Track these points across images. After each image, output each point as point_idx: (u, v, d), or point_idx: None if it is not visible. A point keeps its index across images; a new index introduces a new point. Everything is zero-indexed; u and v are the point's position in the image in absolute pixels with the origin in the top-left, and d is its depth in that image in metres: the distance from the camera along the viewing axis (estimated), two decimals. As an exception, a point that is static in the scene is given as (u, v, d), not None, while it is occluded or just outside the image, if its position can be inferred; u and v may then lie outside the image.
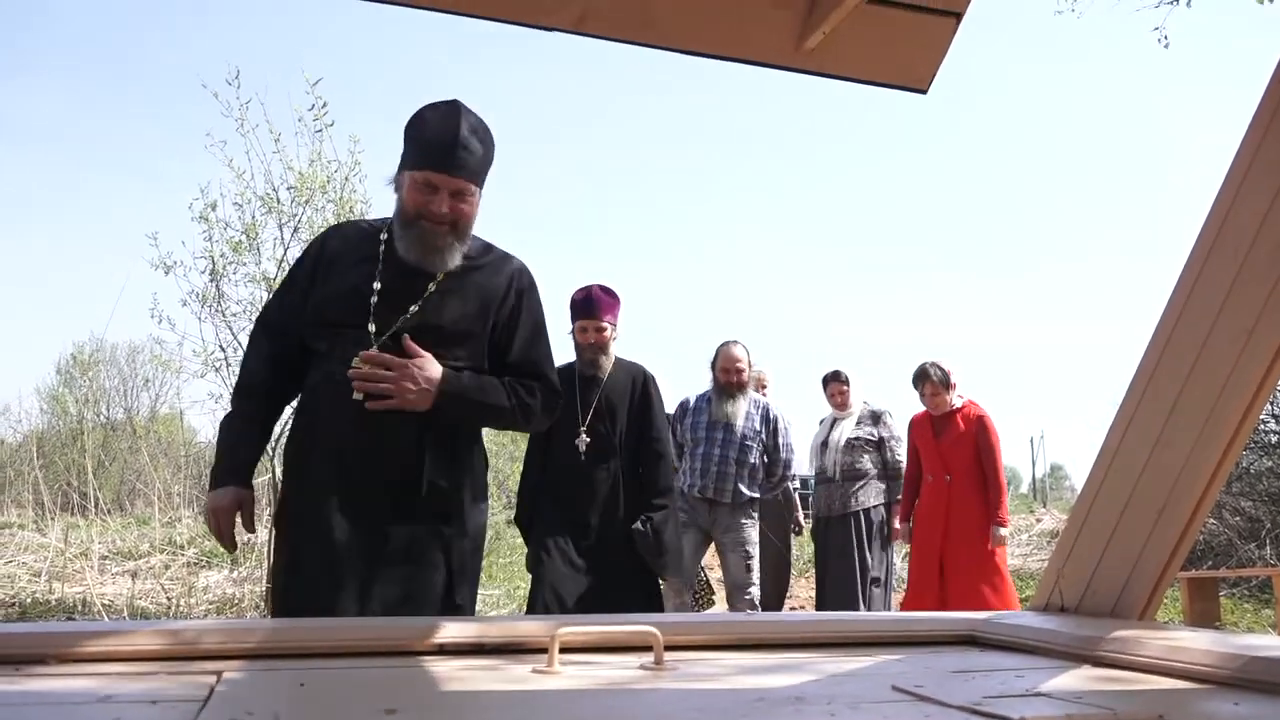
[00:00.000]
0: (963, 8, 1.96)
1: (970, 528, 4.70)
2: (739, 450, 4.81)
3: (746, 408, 4.88)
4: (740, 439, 4.82)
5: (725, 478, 4.77)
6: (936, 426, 4.96)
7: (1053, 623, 1.48)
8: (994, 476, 4.78)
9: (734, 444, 4.81)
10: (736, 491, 4.75)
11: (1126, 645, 1.26)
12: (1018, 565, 9.56)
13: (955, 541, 4.72)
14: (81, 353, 19.39)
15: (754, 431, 4.85)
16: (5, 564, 7.28)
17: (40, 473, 11.35)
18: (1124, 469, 1.67)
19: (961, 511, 4.74)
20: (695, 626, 1.43)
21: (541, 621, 1.35)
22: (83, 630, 1.17)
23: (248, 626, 1.21)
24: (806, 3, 1.91)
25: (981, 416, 4.88)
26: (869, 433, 5.44)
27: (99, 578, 6.77)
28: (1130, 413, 1.69)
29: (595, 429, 3.38)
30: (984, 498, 4.73)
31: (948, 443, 4.89)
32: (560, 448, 3.40)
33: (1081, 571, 1.68)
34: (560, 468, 3.39)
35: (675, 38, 1.92)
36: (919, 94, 2.05)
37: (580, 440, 3.35)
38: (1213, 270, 1.60)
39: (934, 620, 1.58)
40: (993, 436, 4.85)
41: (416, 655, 1.24)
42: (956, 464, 4.83)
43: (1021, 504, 16.43)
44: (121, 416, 19.69)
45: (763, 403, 4.99)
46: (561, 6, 1.81)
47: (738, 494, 4.75)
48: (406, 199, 1.96)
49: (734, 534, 4.76)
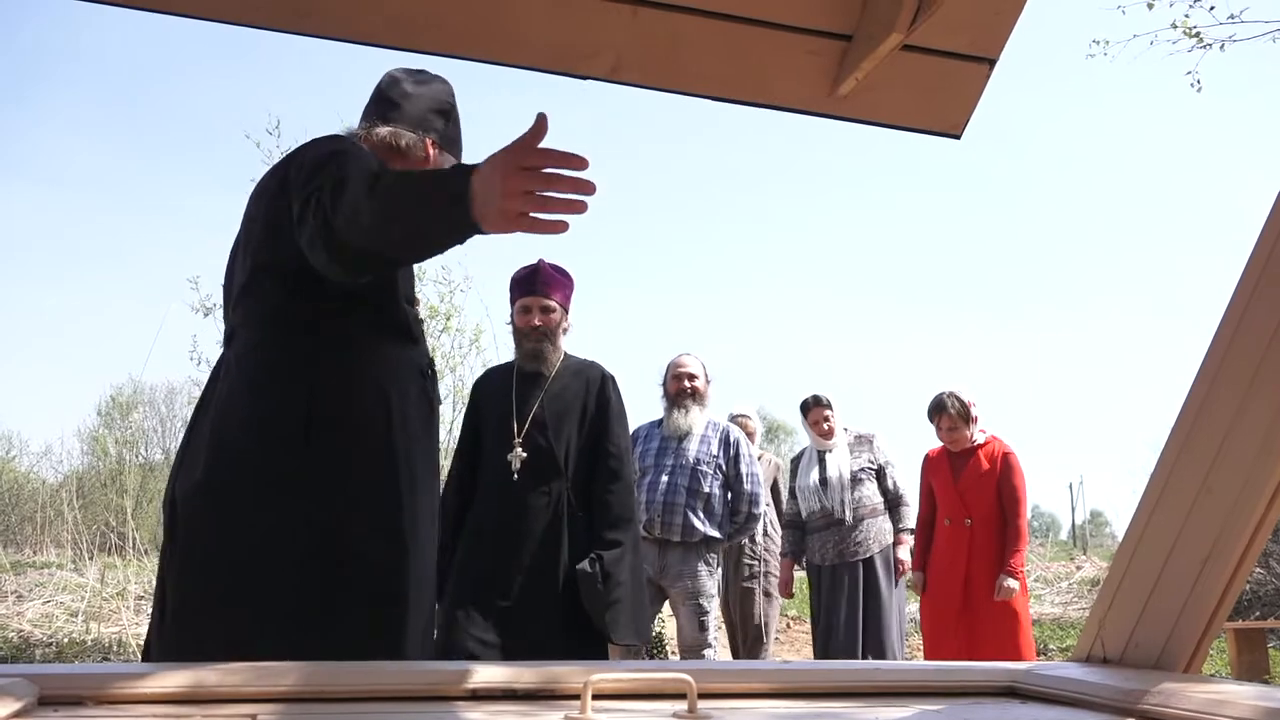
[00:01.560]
0: (997, 54, 1.97)
1: (994, 576, 4.20)
2: (690, 476, 4.00)
3: (703, 430, 4.13)
4: (693, 463, 4.03)
5: (673, 509, 3.95)
6: (955, 464, 4.43)
7: (1095, 674, 1.45)
8: (1014, 520, 4.26)
9: (684, 469, 4.01)
10: (688, 527, 3.94)
11: (1171, 699, 1.23)
12: (1058, 614, 9.38)
13: (977, 590, 4.22)
14: (121, 394, 19.70)
15: (710, 455, 4.06)
16: (44, 603, 7.36)
17: (79, 513, 11.48)
18: (1167, 516, 1.64)
19: (984, 559, 4.24)
20: (730, 674, 1.41)
21: (575, 667, 1.34)
22: (119, 672, 1.17)
23: (282, 669, 1.21)
24: (839, 49, 1.93)
25: (1007, 454, 4.36)
26: (868, 460, 4.80)
27: (134, 618, 6.81)
28: (1173, 459, 1.66)
29: (534, 441, 2.62)
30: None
31: (968, 482, 4.36)
32: (488, 464, 2.66)
33: (1124, 622, 1.65)
34: (487, 490, 2.64)
35: (707, 85, 1.94)
36: (953, 139, 2.06)
37: (514, 456, 2.60)
38: (1257, 312, 1.58)
39: (973, 670, 1.55)
40: (1017, 476, 4.33)
41: (450, 700, 1.23)
42: (978, 506, 4.30)
43: (1061, 551, 16.15)
44: (160, 458, 19.94)
45: (722, 425, 4.22)
46: (596, 56, 1.84)
47: (689, 530, 3.94)
48: None
49: (685, 582, 3.94)
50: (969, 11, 1.90)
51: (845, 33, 1.91)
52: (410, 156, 1.81)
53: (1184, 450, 1.64)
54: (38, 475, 18.61)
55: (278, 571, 1.55)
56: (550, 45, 1.86)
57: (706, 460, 4.05)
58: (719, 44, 1.89)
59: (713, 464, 4.06)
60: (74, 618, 6.90)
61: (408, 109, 1.85)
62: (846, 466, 4.75)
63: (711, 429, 4.16)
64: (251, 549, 1.56)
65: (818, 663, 1.56)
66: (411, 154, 1.81)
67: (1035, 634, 8.22)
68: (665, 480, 3.99)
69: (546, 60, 1.86)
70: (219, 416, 1.63)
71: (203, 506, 1.59)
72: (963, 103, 2.02)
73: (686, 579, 3.95)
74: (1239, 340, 1.60)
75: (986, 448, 4.39)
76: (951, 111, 2.02)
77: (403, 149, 1.80)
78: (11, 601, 7.57)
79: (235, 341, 1.70)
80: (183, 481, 1.63)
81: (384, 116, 1.83)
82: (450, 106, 1.91)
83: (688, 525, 3.95)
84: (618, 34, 1.84)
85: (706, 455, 4.06)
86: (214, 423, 1.63)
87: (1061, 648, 7.65)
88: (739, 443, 4.17)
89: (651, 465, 4.09)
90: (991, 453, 4.37)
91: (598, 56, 1.84)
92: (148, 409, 21.05)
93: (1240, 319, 1.60)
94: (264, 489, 1.57)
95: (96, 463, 18.56)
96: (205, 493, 1.59)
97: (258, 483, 1.58)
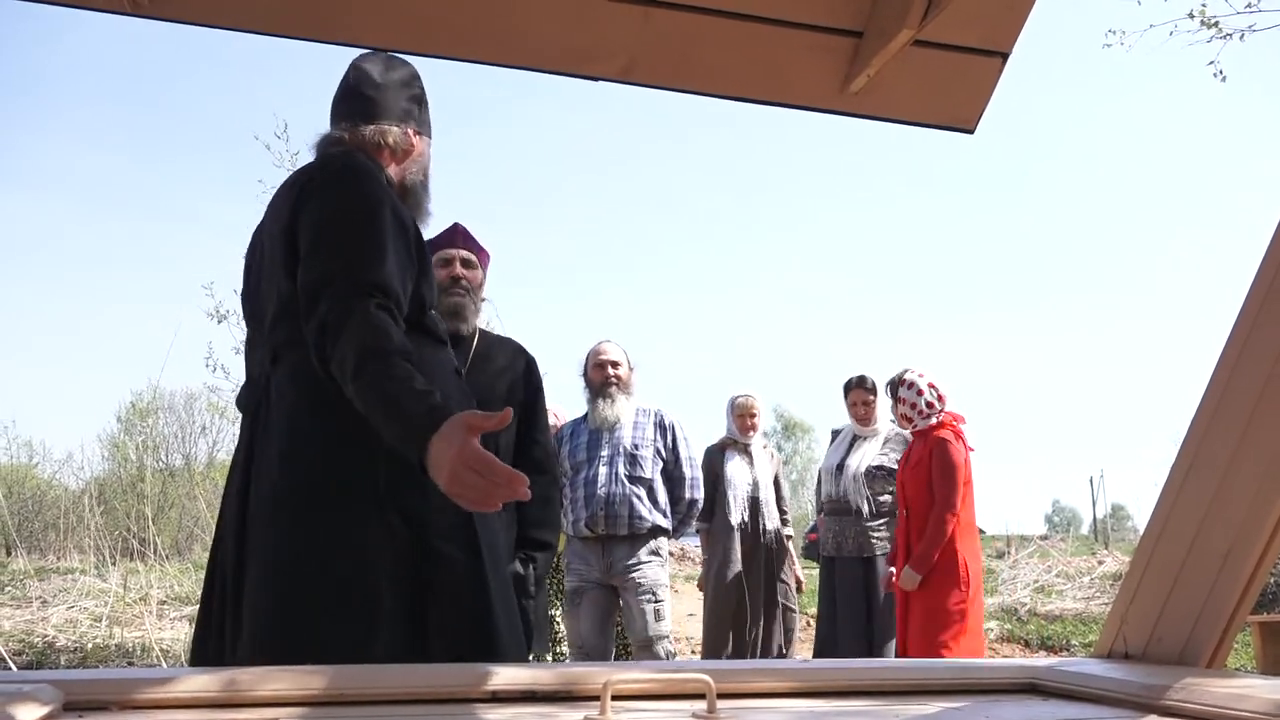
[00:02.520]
0: (1010, 47, 1.96)
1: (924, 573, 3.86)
2: (630, 463, 3.75)
3: (634, 416, 3.88)
4: (631, 449, 3.77)
5: (617, 500, 3.71)
6: (907, 455, 4.17)
7: (1117, 670, 1.44)
8: (938, 509, 3.85)
9: (622, 457, 3.75)
10: (635, 517, 3.71)
11: (1194, 694, 1.23)
12: (1079, 609, 9.33)
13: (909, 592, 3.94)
14: (141, 400, 19.83)
15: (647, 440, 3.83)
16: (68, 609, 7.42)
17: (100, 518, 11.57)
18: (1188, 509, 1.62)
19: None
20: (749, 673, 1.41)
21: (593, 668, 1.34)
22: (144, 677, 1.18)
23: (307, 673, 1.21)
24: (850, 46, 1.92)
25: (942, 439, 3.95)
26: (896, 461, 4.45)
27: (157, 623, 6.86)
28: (1193, 451, 1.65)
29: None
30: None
31: (908, 472, 4.07)
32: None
33: (1146, 616, 1.64)
34: None
35: (719, 84, 1.94)
36: (966, 134, 2.05)
37: None
38: (1278, 302, 1.56)
39: (994, 667, 1.55)
40: (946, 462, 3.89)
41: (471, 703, 1.24)
42: (912, 495, 4.00)
43: (1082, 546, 16.06)
44: (180, 463, 20.07)
45: (654, 410, 3.96)
46: (607, 57, 1.84)
47: (636, 519, 3.71)
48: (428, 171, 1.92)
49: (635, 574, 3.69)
50: (981, 5, 1.89)
51: (856, 29, 1.90)
52: (397, 150, 1.85)
53: (1204, 442, 1.63)
54: (60, 482, 18.76)
55: (377, 577, 1.58)
56: (562, 47, 1.86)
57: (644, 445, 3.80)
58: (730, 43, 1.89)
59: (651, 449, 3.82)
60: (97, 623, 6.96)
61: (386, 102, 1.86)
62: (870, 459, 4.52)
63: (643, 415, 3.91)
64: (353, 559, 1.58)
65: (838, 661, 1.56)
66: (398, 148, 1.85)
67: (1057, 629, 8.21)
68: (604, 471, 3.74)
69: (558, 62, 1.87)
70: (285, 437, 1.64)
71: (290, 521, 1.60)
72: (976, 97, 2.01)
73: (636, 570, 3.69)
74: (1259, 330, 1.58)
75: (930, 434, 4.02)
76: (964, 106, 2.02)
77: (390, 145, 1.84)
78: (36, 607, 7.64)
79: (282, 364, 1.69)
80: (256, 499, 1.64)
81: (365, 114, 1.84)
82: (421, 90, 1.93)
83: (634, 514, 3.73)
84: (629, 35, 1.84)
85: (643, 440, 3.81)
86: (281, 443, 1.64)
87: (1083, 643, 7.61)
88: (675, 427, 3.94)
89: (584, 459, 3.82)
90: (932, 440, 4.01)
91: (610, 58, 1.85)
92: (167, 414, 21.20)
93: (1260, 308, 1.59)
94: (353, 501, 1.60)
95: (117, 469, 18.70)
96: (288, 508, 1.61)
97: (345, 495, 1.60)
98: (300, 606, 1.57)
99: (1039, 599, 10.04)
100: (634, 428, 3.84)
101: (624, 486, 3.71)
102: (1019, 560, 13.06)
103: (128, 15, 1.73)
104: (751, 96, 1.96)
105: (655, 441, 3.84)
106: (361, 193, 1.68)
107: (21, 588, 8.56)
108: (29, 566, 10.15)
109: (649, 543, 3.74)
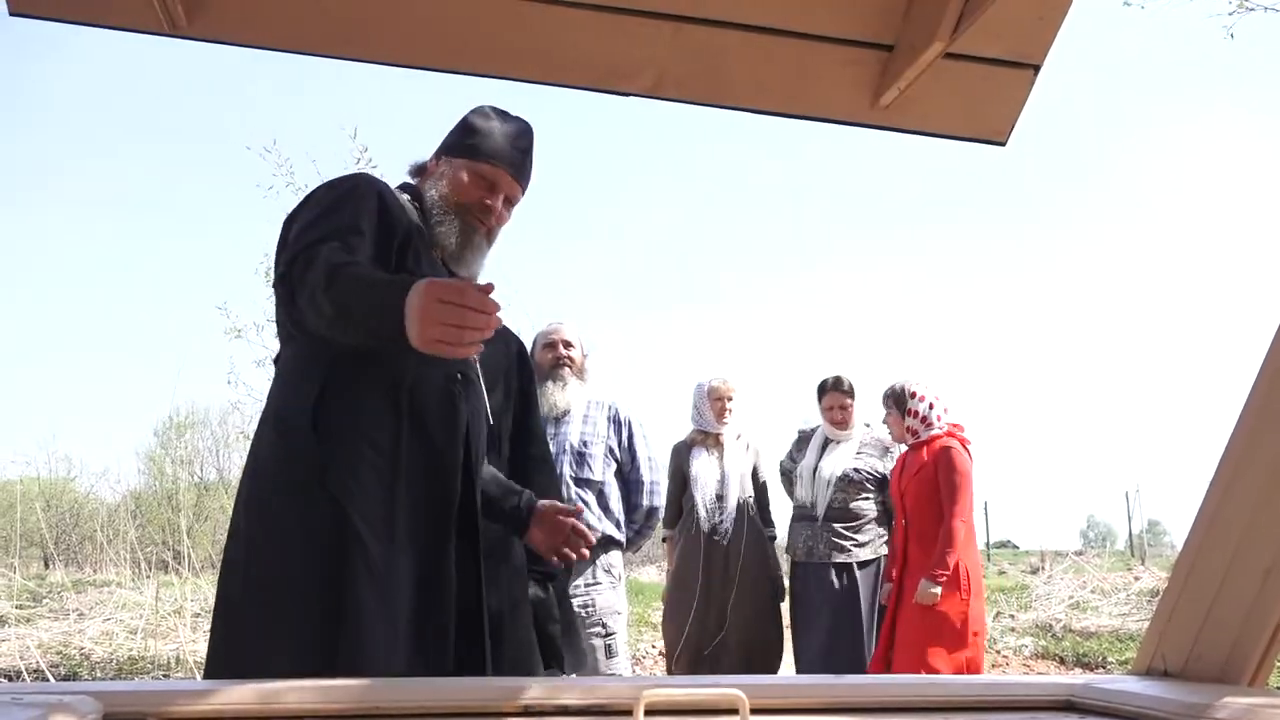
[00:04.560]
0: (1041, 59, 1.96)
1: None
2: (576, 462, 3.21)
3: (585, 409, 3.36)
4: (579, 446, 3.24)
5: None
6: (904, 463, 4.08)
7: (1155, 688, 1.42)
8: (947, 519, 3.81)
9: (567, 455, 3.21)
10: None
11: (1235, 713, 1.21)
12: (1116, 625, 9.19)
13: (907, 598, 3.84)
14: (178, 415, 20.09)
15: (599, 437, 3.31)
16: (104, 621, 7.51)
17: (136, 531, 11.71)
18: (1228, 524, 1.60)
19: (917, 565, 3.86)
20: (782, 689, 1.41)
21: (626, 683, 1.34)
22: (182, 688, 1.20)
23: (339, 686, 1.22)
24: (881, 60, 1.92)
25: (947, 447, 3.90)
26: (871, 467, 4.31)
27: (191, 635, 6.92)
28: (1232, 465, 1.63)
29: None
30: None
31: (907, 481, 3.99)
32: None
33: (1185, 633, 1.61)
34: None
35: (749, 99, 1.94)
36: (998, 146, 2.04)
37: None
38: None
39: (1029, 684, 1.53)
40: (954, 470, 3.84)
41: (503, 717, 1.24)
42: (912, 505, 3.94)
43: (1118, 561, 15.82)
44: (214, 477, 20.29)
45: (608, 403, 3.46)
46: (637, 72, 1.86)
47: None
48: (456, 188, 1.83)
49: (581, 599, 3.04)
50: (1012, 18, 1.88)
51: (887, 43, 1.90)
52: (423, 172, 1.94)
53: (1244, 457, 1.61)
54: (97, 495, 19.01)
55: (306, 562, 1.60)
56: (592, 64, 1.87)
57: (594, 442, 3.29)
58: (760, 57, 1.90)
59: (602, 446, 3.31)
60: (133, 635, 7.04)
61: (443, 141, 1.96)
62: (843, 465, 4.29)
63: (595, 408, 3.40)
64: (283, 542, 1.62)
65: (872, 677, 1.55)
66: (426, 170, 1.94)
67: (1092, 646, 8.09)
68: None
69: (589, 79, 1.88)
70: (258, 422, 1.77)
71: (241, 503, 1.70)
72: (1007, 110, 2.00)
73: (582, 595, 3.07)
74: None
75: (932, 443, 3.96)
76: (996, 119, 2.01)
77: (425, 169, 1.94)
78: (73, 619, 7.74)
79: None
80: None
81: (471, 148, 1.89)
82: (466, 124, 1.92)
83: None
84: (659, 50, 1.85)
85: (593, 437, 3.31)
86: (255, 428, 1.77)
87: (1120, 660, 7.50)
88: (631, 422, 3.45)
89: None
90: (935, 448, 3.93)
91: (640, 74, 1.86)
92: (201, 429, 21.45)
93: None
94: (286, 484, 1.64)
95: (153, 482, 18.93)
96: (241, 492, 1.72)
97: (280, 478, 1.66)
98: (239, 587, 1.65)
99: (1074, 615, 9.90)
100: (584, 421, 3.32)
101: (568, 489, 3.17)
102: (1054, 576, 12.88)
103: (166, 36, 1.77)
104: (782, 110, 1.97)
105: (608, 439, 3.34)
106: (330, 184, 1.76)
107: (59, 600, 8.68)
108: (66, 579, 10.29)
109: (599, 558, 3.16)
